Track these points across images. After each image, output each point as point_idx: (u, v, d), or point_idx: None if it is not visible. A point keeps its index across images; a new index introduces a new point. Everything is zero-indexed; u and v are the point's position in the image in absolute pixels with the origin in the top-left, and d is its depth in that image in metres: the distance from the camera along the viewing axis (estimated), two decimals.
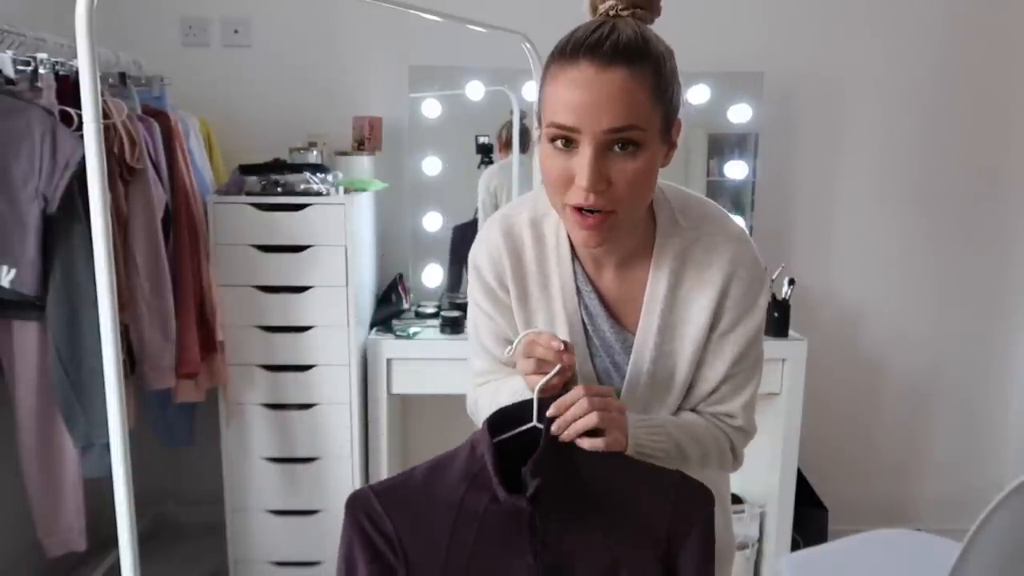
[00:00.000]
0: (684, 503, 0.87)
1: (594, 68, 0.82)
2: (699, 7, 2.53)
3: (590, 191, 0.84)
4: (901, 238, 2.69)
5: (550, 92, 0.86)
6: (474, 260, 1.06)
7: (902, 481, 2.84)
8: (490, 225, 1.05)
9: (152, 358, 1.93)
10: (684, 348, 0.99)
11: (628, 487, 0.88)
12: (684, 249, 0.98)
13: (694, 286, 0.98)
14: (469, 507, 0.88)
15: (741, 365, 1.00)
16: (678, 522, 0.87)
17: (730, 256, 0.97)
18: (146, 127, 1.94)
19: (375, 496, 0.89)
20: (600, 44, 0.82)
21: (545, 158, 0.88)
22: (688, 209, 1.00)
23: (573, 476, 0.87)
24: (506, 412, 0.91)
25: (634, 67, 0.82)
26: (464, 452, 0.90)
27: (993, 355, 2.77)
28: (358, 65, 2.55)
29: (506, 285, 1.03)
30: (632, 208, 0.88)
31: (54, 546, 1.84)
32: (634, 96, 0.82)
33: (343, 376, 2.14)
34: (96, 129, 1.12)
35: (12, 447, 1.81)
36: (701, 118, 2.55)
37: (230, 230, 2.07)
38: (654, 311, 0.98)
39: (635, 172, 0.85)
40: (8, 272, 1.67)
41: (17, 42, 1.74)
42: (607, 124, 0.82)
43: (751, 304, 0.98)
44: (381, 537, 0.88)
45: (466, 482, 0.88)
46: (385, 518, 0.88)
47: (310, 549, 2.23)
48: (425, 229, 2.59)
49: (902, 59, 2.59)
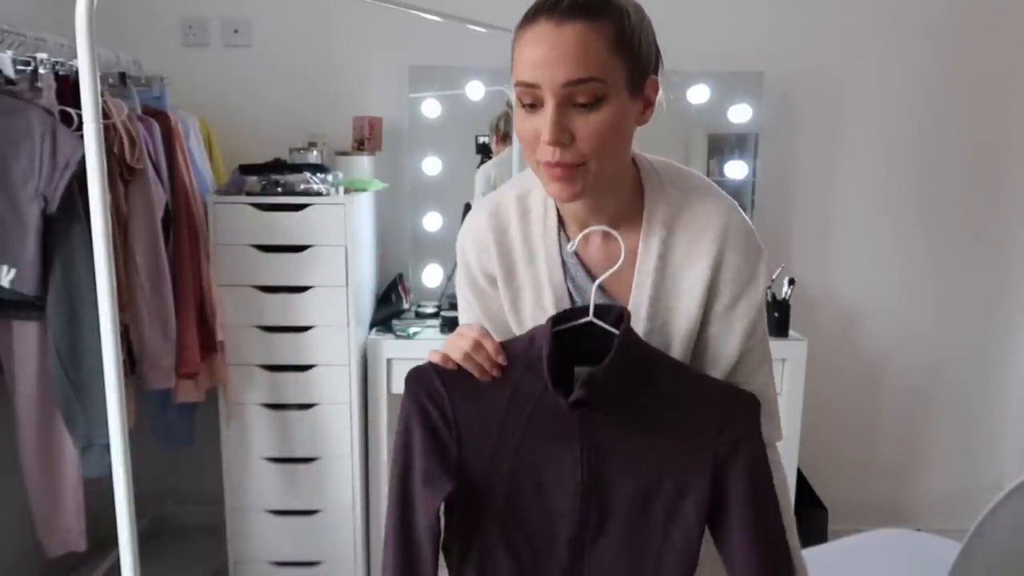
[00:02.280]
0: (732, 414, 0.89)
1: (551, 23, 0.83)
2: (699, 7, 2.53)
3: (553, 144, 0.85)
4: (901, 238, 2.69)
5: (516, 54, 0.88)
6: (460, 242, 1.07)
7: (902, 481, 2.84)
8: (477, 207, 1.07)
9: (152, 358, 1.93)
10: (679, 319, 0.97)
11: (681, 398, 0.89)
12: (673, 216, 0.97)
13: (686, 254, 0.96)
14: (524, 392, 0.89)
15: (752, 339, 0.99)
16: (725, 436, 0.88)
17: (722, 223, 0.96)
18: (146, 127, 1.94)
19: (436, 374, 0.91)
20: (560, 1, 0.84)
21: (517, 121, 0.90)
22: (678, 179, 1.00)
23: (630, 381, 0.88)
24: (567, 313, 0.92)
25: (591, 21, 0.83)
26: (524, 340, 0.92)
27: (993, 355, 2.77)
28: (358, 65, 2.55)
29: (487, 269, 1.03)
30: (600, 160, 0.88)
31: (54, 546, 1.84)
32: (591, 48, 0.83)
33: (343, 376, 2.14)
34: (96, 129, 1.12)
35: (12, 447, 1.81)
36: (701, 118, 2.55)
37: (230, 230, 2.07)
38: (645, 281, 0.97)
39: (598, 125, 0.85)
40: (8, 272, 1.67)
41: (17, 42, 1.74)
42: (563, 77, 0.83)
43: (751, 276, 0.97)
44: (438, 412, 0.90)
45: (523, 368, 0.89)
46: (444, 395, 0.91)
47: (310, 549, 2.23)
48: (425, 229, 2.59)
49: (902, 59, 2.59)
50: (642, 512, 0.89)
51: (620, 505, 0.89)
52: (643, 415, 0.89)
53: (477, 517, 0.90)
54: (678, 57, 2.52)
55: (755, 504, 0.89)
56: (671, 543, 0.88)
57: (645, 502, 0.88)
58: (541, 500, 0.90)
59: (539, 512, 0.90)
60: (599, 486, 0.88)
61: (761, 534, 0.89)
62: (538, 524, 0.90)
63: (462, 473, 0.89)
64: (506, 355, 0.91)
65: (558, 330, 0.90)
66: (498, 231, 1.02)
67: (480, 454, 0.90)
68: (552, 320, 0.90)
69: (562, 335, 0.90)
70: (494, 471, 0.89)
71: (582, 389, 0.84)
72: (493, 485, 0.90)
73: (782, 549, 0.92)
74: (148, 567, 1.38)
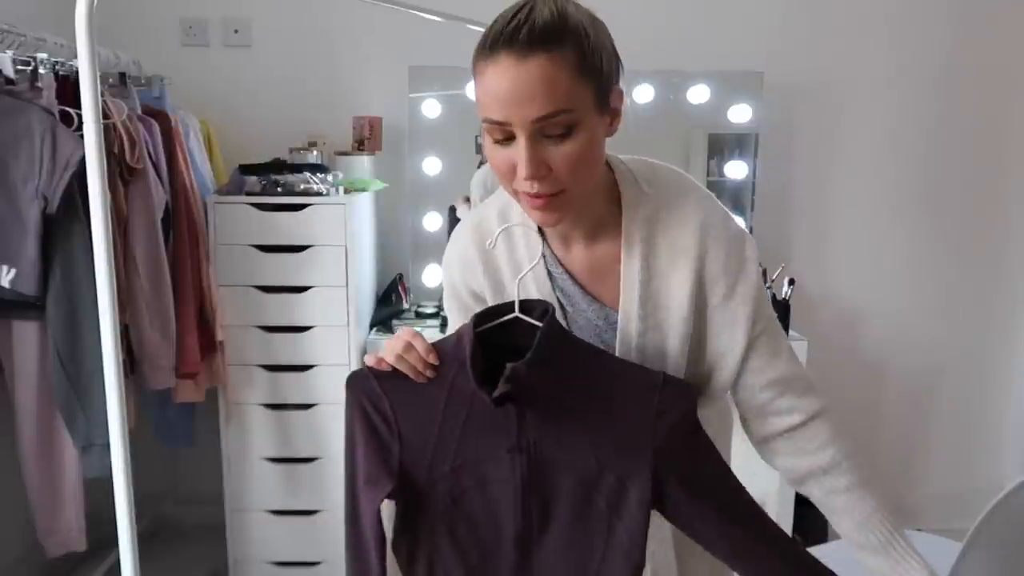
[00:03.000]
0: (666, 402, 0.88)
1: (512, 59, 0.82)
2: (699, 7, 2.53)
3: (532, 180, 0.85)
4: (901, 238, 2.69)
5: (479, 88, 0.87)
6: (445, 260, 1.08)
7: (902, 481, 2.85)
8: (460, 225, 1.07)
9: (152, 358, 1.93)
10: (671, 318, 0.97)
11: (613, 389, 0.89)
12: (652, 216, 0.97)
13: (669, 253, 0.96)
14: (459, 390, 0.90)
15: (760, 324, 0.98)
16: (661, 423, 0.87)
17: (700, 219, 0.96)
18: (146, 127, 1.94)
19: (373, 376, 0.92)
20: (517, 32, 0.82)
21: (488, 151, 0.89)
22: (652, 177, 0.99)
23: (560, 374, 0.88)
24: (494, 309, 0.93)
25: (553, 51, 0.82)
26: (453, 339, 0.92)
27: (993, 355, 2.77)
28: (358, 65, 2.55)
29: (472, 286, 1.04)
30: (578, 186, 0.88)
31: (54, 546, 1.84)
32: (557, 81, 0.82)
33: (343, 376, 2.11)
34: (96, 129, 1.12)
35: (12, 447, 1.81)
36: (701, 118, 2.55)
37: (230, 230, 2.07)
38: (632, 283, 0.97)
39: (573, 154, 0.85)
40: (8, 272, 1.67)
41: (17, 42, 1.74)
42: (534, 114, 0.82)
43: (740, 261, 0.96)
44: (378, 414, 0.91)
45: (457, 366, 0.90)
46: (383, 397, 0.91)
47: (310, 549, 2.23)
48: (425, 229, 2.59)
49: (902, 59, 2.59)
50: (585, 506, 0.89)
51: (562, 500, 0.89)
52: (576, 408, 0.89)
53: (423, 516, 0.91)
54: (678, 57, 2.55)
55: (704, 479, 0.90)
56: (616, 537, 0.88)
57: (587, 496, 0.89)
58: (485, 498, 0.90)
59: (484, 510, 0.90)
60: (540, 482, 0.89)
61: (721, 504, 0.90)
62: (484, 522, 0.90)
63: (405, 473, 0.90)
64: (438, 354, 0.91)
65: (485, 328, 0.90)
66: (482, 248, 1.02)
67: (421, 453, 0.90)
68: (477, 317, 0.91)
69: (494, 332, 0.91)
70: (436, 470, 0.90)
71: (505, 384, 0.84)
72: (436, 484, 0.90)
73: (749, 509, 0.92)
74: (148, 567, 1.38)
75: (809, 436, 0.99)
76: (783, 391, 0.99)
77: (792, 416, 0.99)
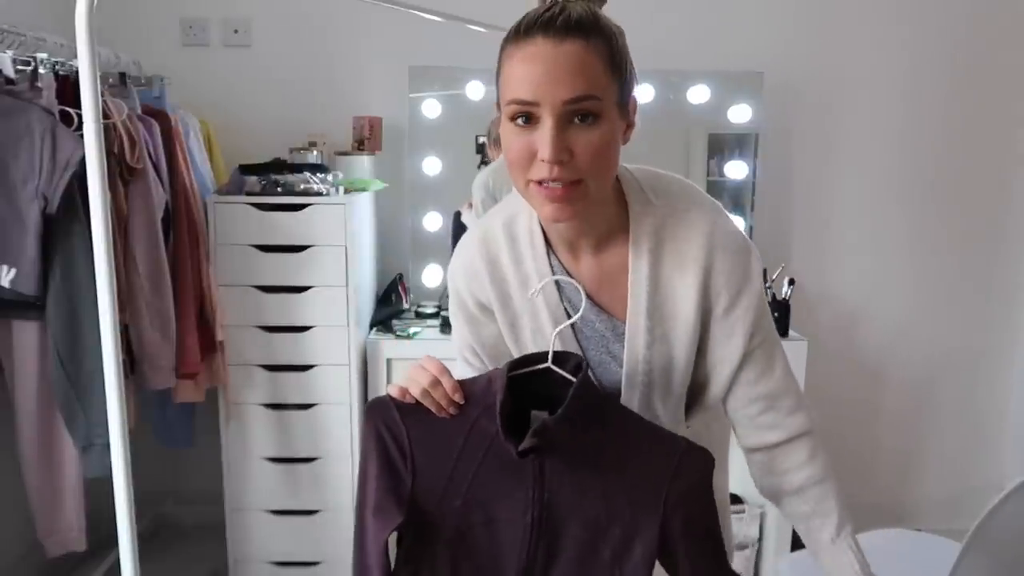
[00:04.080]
0: (685, 466, 0.89)
1: (550, 42, 0.83)
2: (699, 7, 2.53)
3: (554, 163, 0.84)
4: (901, 238, 2.69)
5: (507, 71, 0.87)
6: (450, 270, 1.08)
7: (902, 481, 2.85)
8: (466, 237, 1.07)
9: (152, 358, 1.93)
10: (677, 329, 0.98)
11: (633, 448, 0.90)
12: (659, 226, 0.97)
13: (675, 264, 0.97)
14: (480, 432, 0.90)
15: (758, 337, 0.99)
16: (676, 487, 0.88)
17: (707, 230, 0.96)
18: (146, 127, 1.94)
19: (395, 406, 0.92)
20: (553, 20, 0.84)
21: (506, 138, 0.88)
22: (659, 186, 1.00)
23: (586, 429, 0.88)
24: (528, 358, 0.93)
25: (588, 39, 0.84)
26: (483, 381, 0.92)
27: (993, 355, 2.77)
28: (358, 65, 2.55)
29: (478, 297, 1.04)
30: (596, 179, 0.88)
31: (54, 546, 1.84)
32: (590, 67, 0.84)
33: (343, 376, 2.14)
34: (96, 129, 1.12)
35: (12, 447, 1.81)
36: (701, 118, 2.55)
37: (230, 230, 2.07)
38: (640, 294, 0.97)
39: (596, 142, 0.85)
40: (8, 272, 1.67)
41: (17, 42, 1.74)
42: (566, 95, 0.83)
43: (744, 275, 0.97)
44: (395, 445, 0.91)
45: (481, 407, 0.90)
46: (401, 426, 0.91)
47: (310, 549, 2.23)
48: (425, 229, 2.59)
49: (902, 59, 2.59)
50: (590, 553, 0.90)
51: (568, 545, 0.90)
52: (595, 461, 0.90)
53: (428, 549, 0.91)
54: (678, 57, 2.55)
55: (704, 552, 0.91)
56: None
57: (593, 545, 0.90)
58: (491, 536, 0.91)
59: (489, 549, 0.91)
60: (549, 526, 0.90)
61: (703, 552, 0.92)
62: (488, 561, 0.91)
63: (415, 505, 0.90)
64: (464, 394, 0.91)
65: (515, 375, 0.90)
66: (488, 259, 1.02)
67: (434, 487, 0.91)
68: (510, 365, 0.91)
69: (521, 378, 0.91)
70: (447, 504, 0.91)
71: (533, 438, 0.85)
72: (445, 518, 0.91)
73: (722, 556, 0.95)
74: (148, 567, 1.38)
75: (783, 456, 1.01)
76: (769, 406, 1.01)
77: (773, 433, 1.01)
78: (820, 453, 1.01)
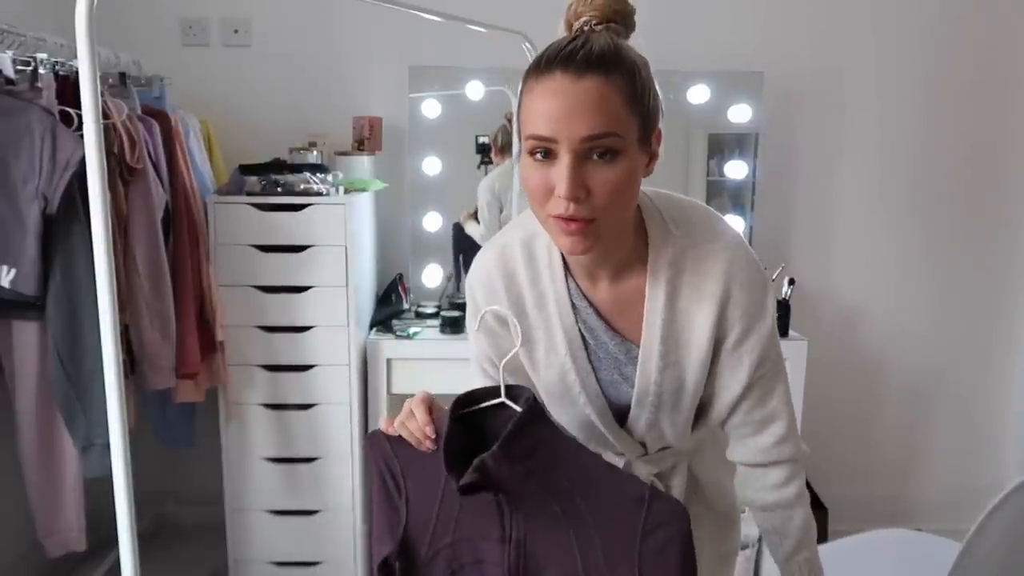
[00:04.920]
0: (659, 516, 0.85)
1: (568, 78, 0.83)
2: (699, 7, 2.53)
3: (570, 200, 0.84)
4: (901, 238, 2.69)
5: (527, 105, 0.87)
6: (468, 283, 1.08)
7: (902, 481, 2.84)
8: (484, 250, 1.07)
9: (152, 358, 1.93)
10: (690, 356, 0.99)
11: (599, 496, 0.87)
12: (678, 257, 0.97)
13: (693, 295, 0.97)
14: None
15: (763, 368, 1.00)
16: (654, 538, 0.84)
17: (726, 263, 0.96)
18: (146, 127, 1.94)
19: (386, 439, 0.93)
20: (574, 55, 0.83)
21: (525, 171, 0.88)
22: (679, 215, 1.00)
23: (537, 470, 0.85)
24: (482, 392, 0.91)
25: (608, 75, 0.83)
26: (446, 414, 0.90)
27: (993, 355, 2.77)
28: (358, 65, 2.55)
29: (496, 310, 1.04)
30: (613, 216, 0.88)
31: (54, 546, 1.84)
32: (609, 103, 0.83)
33: (343, 376, 2.14)
34: (96, 129, 1.12)
35: (12, 447, 1.81)
36: (701, 118, 2.55)
37: (230, 230, 2.07)
38: (655, 321, 0.98)
39: (614, 180, 0.85)
40: (8, 272, 1.67)
41: (17, 42, 1.74)
42: (584, 132, 0.82)
43: (759, 310, 0.98)
44: (390, 475, 0.93)
45: None
46: (394, 459, 0.92)
47: (310, 549, 2.23)
48: (425, 229, 2.59)
49: (902, 58, 2.59)
50: None
51: None
52: (561, 508, 0.87)
53: None
54: (678, 57, 2.54)
55: None
56: None
57: None
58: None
59: None
60: (527, 572, 0.88)
61: None
62: None
63: (408, 539, 0.91)
64: (435, 428, 0.89)
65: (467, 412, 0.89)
66: (506, 275, 1.03)
67: (425, 522, 0.91)
68: (459, 401, 0.89)
69: (480, 414, 0.89)
70: (438, 541, 0.90)
71: (472, 474, 0.81)
72: (437, 555, 0.90)
73: None
74: (148, 567, 1.38)
75: (760, 475, 1.05)
76: (760, 431, 1.04)
77: (758, 455, 1.04)
78: (795, 481, 1.05)
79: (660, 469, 1.12)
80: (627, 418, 1.05)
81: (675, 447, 1.10)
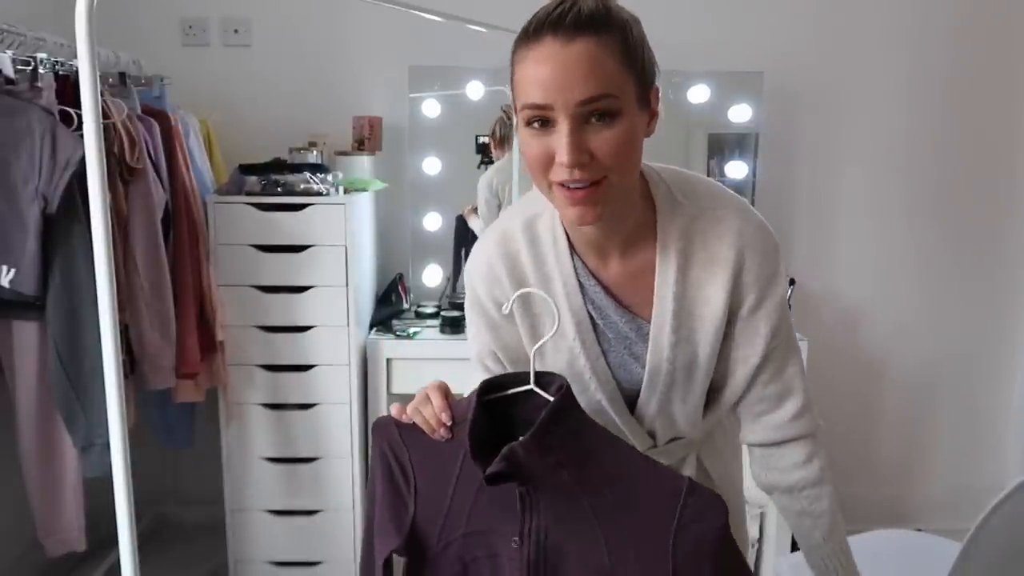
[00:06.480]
0: (695, 511, 0.81)
1: (559, 42, 0.81)
2: (699, 7, 2.53)
3: (573, 166, 0.82)
4: (902, 237, 2.69)
5: (519, 75, 0.85)
6: (467, 273, 1.05)
7: (902, 481, 2.84)
8: (484, 236, 1.04)
9: (152, 358, 1.93)
10: (703, 329, 0.96)
11: (634, 489, 0.83)
12: (687, 227, 0.95)
13: (705, 264, 0.95)
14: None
15: (778, 337, 0.98)
16: (688, 534, 0.81)
17: (737, 229, 0.94)
18: (146, 127, 1.94)
19: (396, 426, 0.90)
20: (563, 18, 0.81)
21: (524, 143, 0.87)
22: (686, 186, 0.98)
23: (570, 461, 0.82)
24: (508, 378, 0.88)
25: (599, 35, 0.81)
26: (465, 402, 0.87)
27: (994, 355, 2.77)
28: (358, 65, 2.55)
29: (498, 299, 1.01)
30: (620, 175, 0.86)
31: (54, 546, 1.84)
32: (603, 64, 0.81)
33: (343, 376, 2.14)
34: (96, 129, 1.12)
35: (12, 447, 1.81)
36: (701, 118, 2.55)
37: (230, 230, 2.07)
38: (667, 295, 0.95)
39: (615, 140, 0.83)
40: (8, 272, 1.67)
41: (17, 42, 1.74)
42: (579, 96, 0.81)
43: (773, 274, 0.96)
44: (397, 465, 0.89)
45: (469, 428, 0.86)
46: (403, 448, 0.89)
47: (310, 549, 2.23)
48: (425, 229, 2.59)
49: (902, 59, 2.58)
50: None
51: None
52: (591, 502, 0.83)
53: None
54: (678, 57, 2.54)
55: None
56: None
57: None
58: (495, 571, 0.87)
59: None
60: (548, 569, 0.84)
61: None
62: None
63: (417, 530, 0.87)
64: (456, 413, 0.86)
65: (497, 397, 0.86)
66: (508, 260, 1.00)
67: (435, 512, 0.87)
68: (486, 386, 0.85)
69: (506, 402, 0.86)
70: (449, 533, 0.87)
71: (499, 463, 0.77)
72: (448, 547, 0.87)
73: None
74: (148, 567, 1.38)
75: (781, 455, 1.02)
76: (776, 406, 1.01)
77: (776, 432, 1.01)
78: (818, 457, 1.02)
79: (670, 462, 1.08)
80: (637, 404, 1.02)
81: (686, 437, 1.07)
